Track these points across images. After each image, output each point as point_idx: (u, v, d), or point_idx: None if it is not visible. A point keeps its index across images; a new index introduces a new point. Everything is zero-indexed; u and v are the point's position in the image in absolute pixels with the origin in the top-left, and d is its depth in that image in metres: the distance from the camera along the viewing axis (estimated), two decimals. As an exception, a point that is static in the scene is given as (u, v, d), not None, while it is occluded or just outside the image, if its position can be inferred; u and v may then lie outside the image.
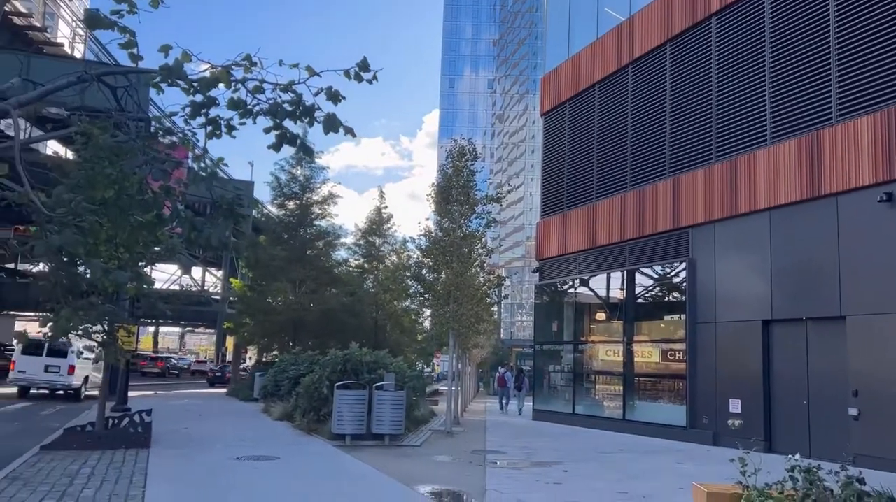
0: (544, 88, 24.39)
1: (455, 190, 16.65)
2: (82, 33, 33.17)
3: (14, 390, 24.71)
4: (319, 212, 34.37)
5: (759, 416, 14.91)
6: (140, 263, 10.86)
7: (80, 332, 12.07)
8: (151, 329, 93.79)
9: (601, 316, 20.87)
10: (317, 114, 4.04)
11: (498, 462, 11.96)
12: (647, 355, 18.59)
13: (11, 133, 3.56)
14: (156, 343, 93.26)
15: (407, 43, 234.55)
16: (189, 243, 4.41)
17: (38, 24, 28.79)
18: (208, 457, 11.21)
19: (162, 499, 7.80)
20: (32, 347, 22.94)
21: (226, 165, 4.72)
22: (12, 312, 67.32)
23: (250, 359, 52.64)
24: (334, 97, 3.97)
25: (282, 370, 22.06)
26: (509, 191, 18.77)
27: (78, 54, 33.40)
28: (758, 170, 15.52)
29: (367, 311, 34.15)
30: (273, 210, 37.07)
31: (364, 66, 3.99)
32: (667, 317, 18.49)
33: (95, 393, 21.69)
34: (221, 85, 3.90)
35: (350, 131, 4.02)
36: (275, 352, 34.86)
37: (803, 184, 14.46)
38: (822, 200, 14.09)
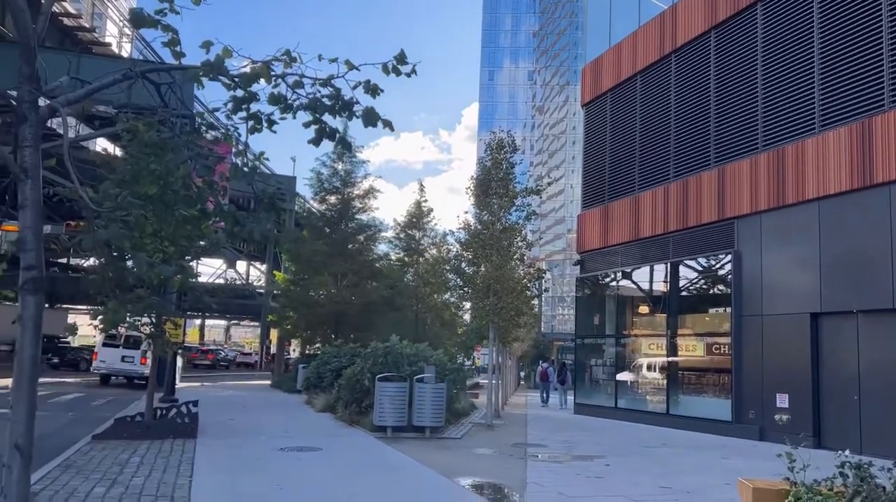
0: (585, 79, 24.12)
1: (494, 182, 16.59)
2: (129, 33, 33.93)
3: (97, 378, 27.41)
4: (360, 206, 34.59)
5: (807, 411, 14.57)
6: (185, 257, 11.08)
7: (127, 324, 12.40)
8: (198, 322, 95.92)
9: (644, 309, 20.61)
10: (355, 108, 4.06)
11: (539, 455, 11.93)
12: (692, 349, 18.31)
13: (61, 131, 3.65)
14: (202, 335, 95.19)
15: (446, 36, 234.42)
16: (232, 237, 4.48)
17: (86, 25, 29.51)
18: (253, 448, 11.42)
19: (208, 489, 7.97)
20: (111, 339, 25.35)
21: (267, 160, 4.78)
22: (65, 306, 69.45)
23: (294, 351, 53.44)
24: (373, 90, 3.98)
25: (324, 362, 22.33)
26: (549, 184, 18.70)
27: (125, 53, 34.16)
28: (806, 159, 15.12)
29: (408, 304, 34.33)
30: (315, 205, 37.47)
31: (401, 59, 3.99)
32: (711, 311, 18.17)
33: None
34: (262, 80, 3.94)
35: (388, 124, 4.03)
36: (317, 345, 35.32)
37: (854, 172, 14.03)
38: (874, 189, 13.66)
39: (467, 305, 42.45)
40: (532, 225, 17.98)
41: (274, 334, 49.21)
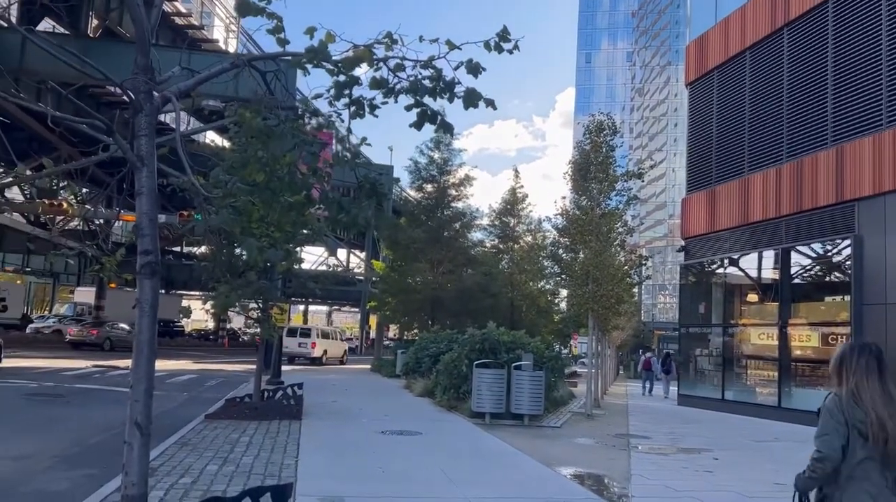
0: (689, 57, 23.13)
1: (593, 166, 16.17)
2: (234, 29, 35.27)
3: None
4: (456, 194, 34.71)
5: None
6: (289, 244, 11.40)
7: (237, 308, 12.92)
8: (301, 307, 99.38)
9: (753, 297, 19.66)
10: (457, 89, 3.97)
11: (641, 446, 11.59)
12: (805, 339, 17.30)
13: (173, 125, 3.76)
14: (306, 320, 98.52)
15: (539, 21, 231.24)
16: (335, 224, 4.50)
17: (196, 23, 30.92)
18: (355, 430, 11.66)
19: (314, 469, 8.18)
20: (291, 331, 31.58)
21: (368, 145, 4.78)
22: (179, 291, 73.51)
23: (394, 335, 54.48)
24: (474, 70, 3.87)
25: (422, 348, 22.58)
26: (651, 166, 17.97)
27: (231, 49, 35.55)
28: (939, 135, 13.90)
29: (503, 291, 34.22)
30: (412, 193, 37.89)
31: (504, 36, 3.87)
32: (828, 299, 17.11)
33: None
34: (364, 65, 3.91)
35: (491, 103, 3.93)
36: (415, 330, 35.84)
37: None
38: None
39: (564, 292, 42.20)
40: (632, 210, 17.42)
41: (373, 320, 50.37)
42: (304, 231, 10.93)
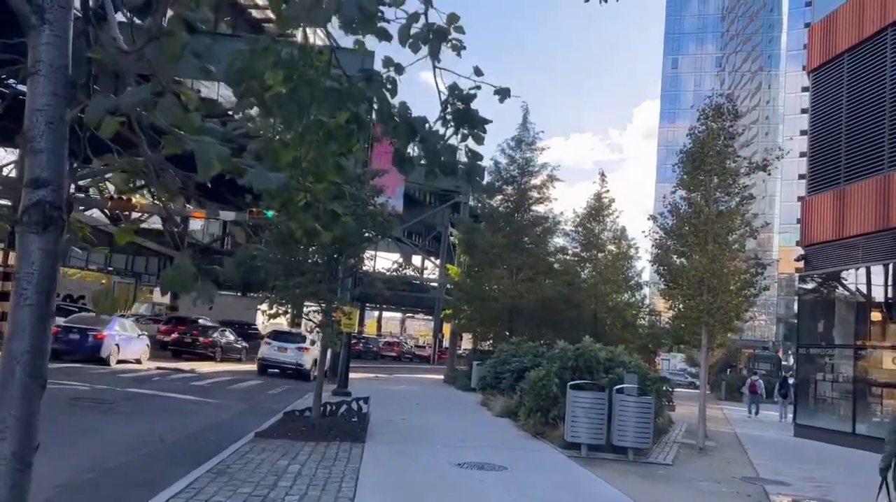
0: (813, 41, 20.36)
1: (710, 156, 13.79)
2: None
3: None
4: (538, 196, 32.59)
5: None
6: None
7: (289, 310, 11.40)
8: (376, 314, 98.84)
9: (894, 314, 16.73)
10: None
11: (785, 500, 9.21)
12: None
13: None
14: (379, 327, 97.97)
15: (616, 33, 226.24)
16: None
17: (273, 15, 30.00)
18: (426, 460, 9.74)
19: (372, 520, 6.30)
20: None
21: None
22: (253, 294, 73.78)
23: (463, 347, 52.56)
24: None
25: (502, 361, 20.50)
26: (779, 157, 15.41)
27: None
28: None
29: (586, 302, 31.79)
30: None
31: None
32: None
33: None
34: None
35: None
36: (489, 341, 33.84)
37: None
38: None
39: (646, 303, 39.24)
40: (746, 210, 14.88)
41: (447, 328, 48.57)
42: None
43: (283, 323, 17.06)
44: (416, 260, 61.52)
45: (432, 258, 58.96)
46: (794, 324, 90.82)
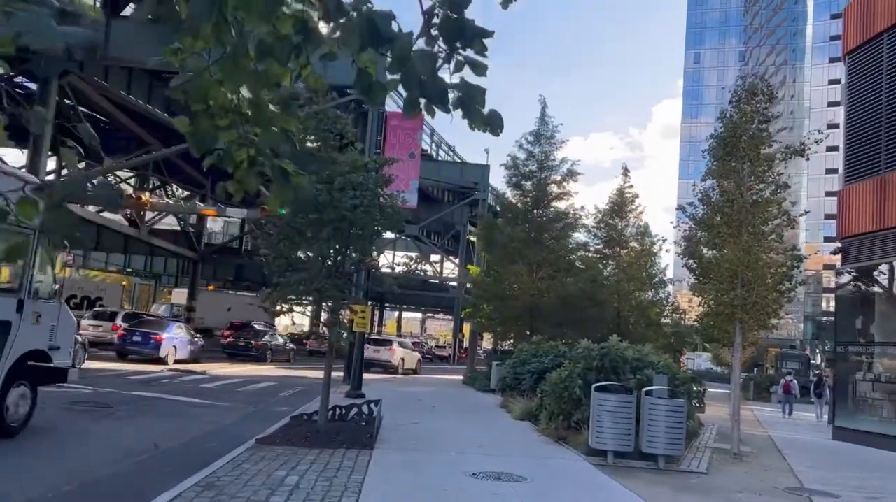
0: (848, 21, 19.26)
1: (744, 140, 12.83)
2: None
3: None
4: (558, 191, 31.64)
5: None
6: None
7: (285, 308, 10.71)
8: (395, 314, 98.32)
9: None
10: None
11: (837, 513, 8.31)
12: None
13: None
14: (399, 327, 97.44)
15: (635, 31, 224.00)
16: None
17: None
18: (438, 469, 8.94)
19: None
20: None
21: None
22: (254, 293, 73.55)
23: (482, 346, 51.70)
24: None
25: (522, 362, 19.65)
26: (818, 141, 14.40)
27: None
28: None
29: (608, 300, 30.80)
30: (509, 191, 35.05)
31: None
32: None
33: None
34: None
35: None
36: (510, 341, 33.03)
37: None
38: None
39: (670, 301, 38.10)
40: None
41: (467, 328, 47.77)
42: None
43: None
44: (435, 259, 60.81)
45: (451, 257, 58.19)
46: (821, 322, 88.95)
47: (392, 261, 46.31)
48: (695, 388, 13.68)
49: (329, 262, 11.02)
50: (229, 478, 7.48)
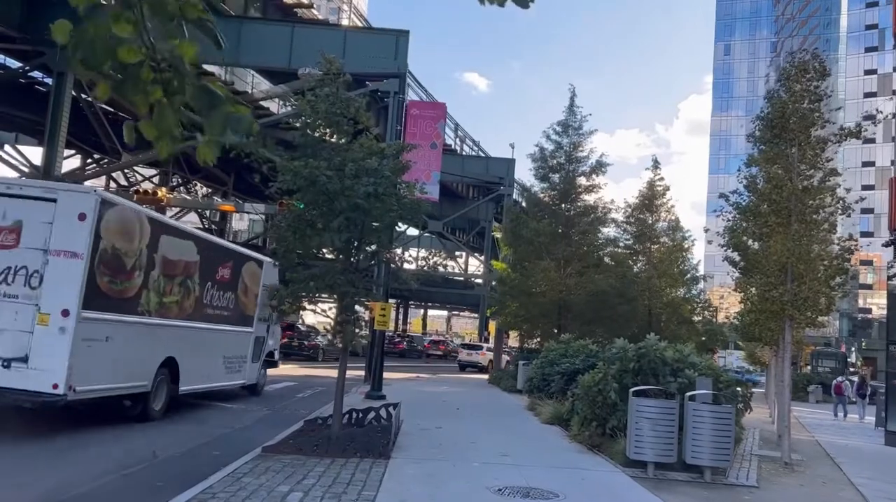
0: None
1: (793, 121, 11.74)
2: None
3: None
4: (587, 183, 30.57)
5: None
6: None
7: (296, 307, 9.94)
8: (421, 312, 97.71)
9: None
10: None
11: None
12: None
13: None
14: (424, 325, 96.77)
15: (661, 26, 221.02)
16: None
17: (304, 1, 28.80)
18: (459, 485, 8.04)
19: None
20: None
21: None
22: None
23: (508, 344, 50.65)
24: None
25: (550, 362, 18.66)
26: (877, 122, 13.21)
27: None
28: None
29: (639, 297, 29.67)
30: (536, 184, 34.04)
31: None
32: None
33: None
34: None
35: None
36: (537, 339, 32.05)
37: None
38: None
39: (703, 298, 36.81)
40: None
41: (492, 326, 46.73)
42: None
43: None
44: (460, 256, 59.94)
45: (476, 254, 57.23)
46: (857, 319, 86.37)
47: (416, 257, 45.51)
48: (740, 391, 12.65)
49: (342, 256, 10.19)
50: (225, 496, 6.67)
